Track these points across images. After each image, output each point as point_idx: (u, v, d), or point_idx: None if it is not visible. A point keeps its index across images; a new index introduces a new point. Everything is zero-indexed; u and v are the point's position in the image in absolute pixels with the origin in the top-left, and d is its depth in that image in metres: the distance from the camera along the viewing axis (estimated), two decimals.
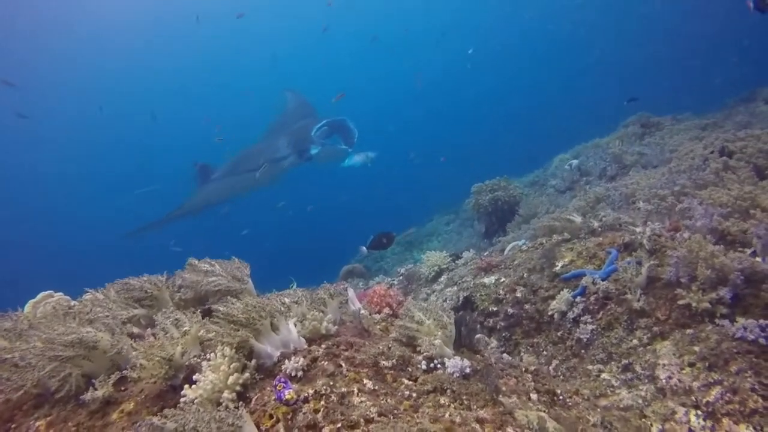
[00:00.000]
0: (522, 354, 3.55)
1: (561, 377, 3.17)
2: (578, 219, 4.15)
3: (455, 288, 4.36)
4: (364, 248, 4.77)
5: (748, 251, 2.96)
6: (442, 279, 4.92)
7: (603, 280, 3.38)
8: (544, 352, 3.45)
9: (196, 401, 1.57)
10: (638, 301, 3.06)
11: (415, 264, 5.85)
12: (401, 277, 5.54)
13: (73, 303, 2.47)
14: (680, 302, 2.88)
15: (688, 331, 2.78)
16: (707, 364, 2.50)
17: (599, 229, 4.10)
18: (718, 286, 2.79)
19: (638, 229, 3.63)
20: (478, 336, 3.63)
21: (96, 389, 1.73)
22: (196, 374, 1.68)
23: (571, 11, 29.40)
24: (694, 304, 2.80)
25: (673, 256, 3.04)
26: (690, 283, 2.92)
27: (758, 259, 2.80)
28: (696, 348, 2.63)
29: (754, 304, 2.66)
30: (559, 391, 2.11)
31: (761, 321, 2.46)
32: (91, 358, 1.83)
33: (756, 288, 2.69)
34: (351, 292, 2.93)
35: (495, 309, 3.88)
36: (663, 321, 2.95)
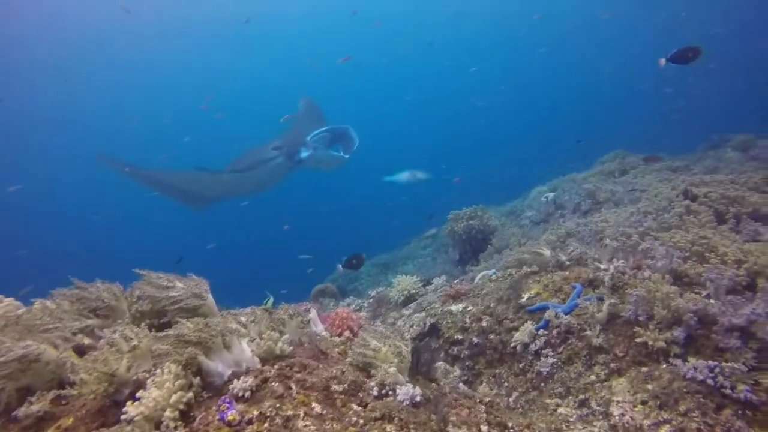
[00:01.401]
0: (483, 384, 3.55)
1: (520, 410, 3.18)
2: (547, 252, 4.22)
3: (423, 314, 4.36)
4: (341, 266, 4.89)
5: (704, 293, 3.06)
6: (411, 304, 4.93)
7: (566, 314, 3.43)
8: (506, 384, 3.46)
9: (136, 419, 1.53)
10: (597, 337, 3.11)
11: (386, 287, 5.85)
12: (371, 300, 5.52)
13: (21, 311, 2.40)
14: (638, 340, 2.94)
15: (644, 369, 2.83)
16: (659, 402, 2.55)
17: (567, 263, 4.18)
18: (673, 325, 2.87)
19: (602, 266, 3.72)
20: (437, 364, 3.63)
21: (32, 404, 1.68)
22: (140, 391, 1.64)
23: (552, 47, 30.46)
24: (650, 343, 2.86)
25: (633, 294, 3.12)
26: (648, 321, 2.99)
27: (711, 301, 2.88)
28: (649, 386, 2.68)
29: (706, 345, 2.73)
30: (510, 424, 2.12)
31: (710, 362, 2.53)
32: (32, 371, 1.77)
33: (707, 329, 2.77)
34: (314, 313, 2.92)
35: (460, 337, 3.89)
36: (620, 358, 3.00)
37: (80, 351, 2.23)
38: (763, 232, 3.71)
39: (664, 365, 2.78)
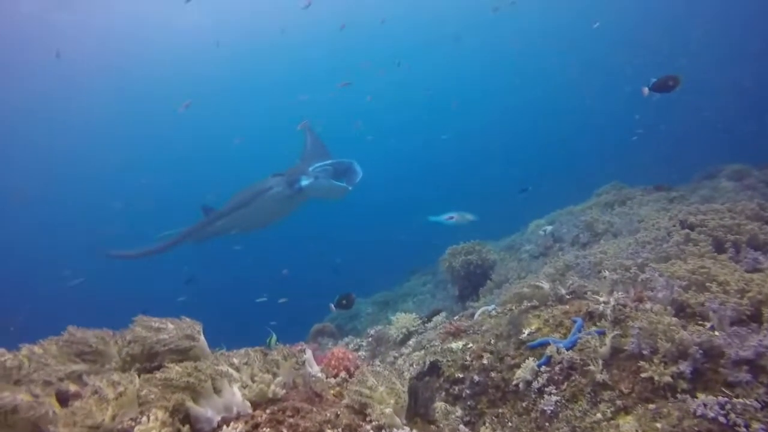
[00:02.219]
0: (486, 424, 3.42)
1: None
2: (546, 286, 4.17)
3: (423, 352, 4.26)
4: (333, 306, 4.84)
5: (707, 325, 2.99)
6: (410, 342, 4.82)
7: (568, 349, 3.35)
8: (509, 424, 3.33)
9: None
10: (601, 373, 3.02)
11: (385, 325, 5.74)
12: (370, 339, 5.40)
13: (5, 358, 2.33)
14: (643, 375, 2.85)
15: (651, 405, 2.73)
16: None
17: (567, 296, 4.12)
18: (678, 359, 2.79)
19: (602, 299, 3.66)
20: (438, 404, 3.51)
21: None
22: None
23: (552, 75, 31.27)
24: (656, 378, 2.78)
25: (635, 327, 3.05)
26: (652, 355, 2.91)
27: (716, 333, 2.82)
28: (658, 425, 2.58)
29: (714, 379, 2.65)
30: None
31: (720, 398, 2.44)
32: (9, 423, 1.70)
33: (715, 363, 2.69)
34: (309, 354, 2.84)
35: (461, 376, 3.77)
36: (626, 394, 2.90)
37: (65, 398, 2.15)
38: (762, 261, 3.68)
39: (672, 401, 2.68)
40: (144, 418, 1.62)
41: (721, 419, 2.35)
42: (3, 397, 1.66)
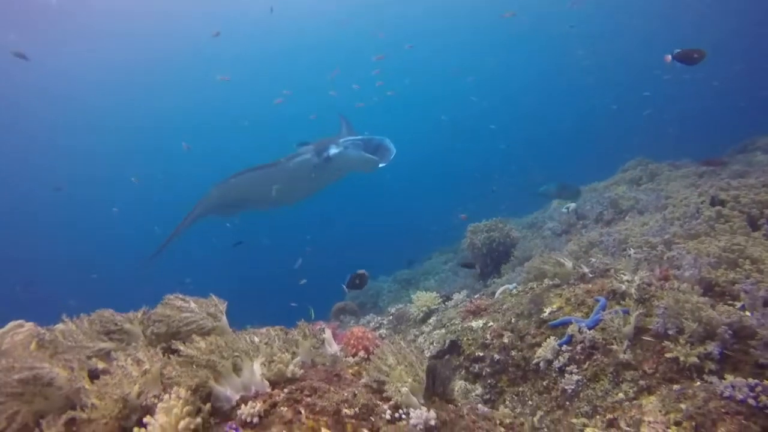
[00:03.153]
0: (506, 402, 3.42)
1: (545, 430, 3.05)
2: (569, 263, 4.09)
3: (443, 330, 4.26)
4: (346, 287, 4.77)
5: (738, 305, 2.89)
6: (431, 320, 4.82)
7: (590, 328, 3.29)
8: (530, 402, 3.33)
9: None
10: (624, 352, 2.97)
11: (406, 304, 5.76)
12: (391, 317, 5.43)
13: (42, 332, 2.42)
14: (668, 355, 2.79)
15: (675, 386, 2.68)
16: (694, 423, 2.38)
17: (590, 275, 4.04)
18: (706, 340, 2.71)
19: (627, 277, 3.57)
20: (458, 383, 3.52)
21: (42, 429, 1.67)
22: (147, 416, 1.62)
23: (580, 59, 30.11)
24: (681, 358, 2.71)
25: (660, 306, 2.98)
26: (678, 335, 2.84)
27: (747, 313, 2.72)
28: (683, 405, 2.52)
29: (744, 361, 2.57)
30: None
31: (750, 380, 2.37)
32: (45, 395, 1.77)
33: (745, 344, 2.60)
34: (328, 333, 2.86)
35: (481, 354, 3.77)
36: (650, 374, 2.85)
37: (94, 375, 2.22)
38: None
39: (698, 383, 2.62)
40: (166, 396, 1.66)
41: (751, 401, 2.28)
42: (41, 368, 1.73)
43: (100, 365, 2.34)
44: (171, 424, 1.57)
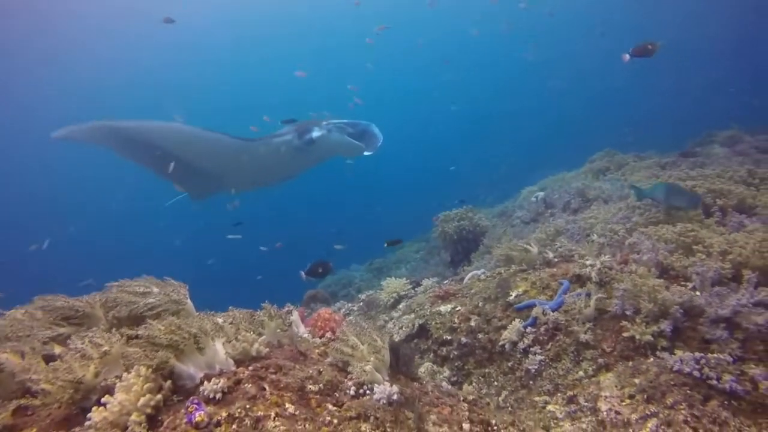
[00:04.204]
0: (473, 384, 3.51)
1: (509, 408, 3.14)
2: (535, 249, 4.20)
3: (412, 315, 4.32)
4: (303, 274, 4.62)
5: (689, 285, 3.03)
6: (400, 306, 4.88)
7: (553, 311, 3.40)
8: (495, 383, 3.42)
9: (99, 424, 1.48)
10: (585, 333, 3.08)
11: (376, 290, 5.80)
12: (361, 304, 5.47)
13: None
14: (625, 334, 2.91)
15: (631, 363, 2.80)
16: (646, 396, 2.51)
17: (554, 260, 4.15)
18: (660, 318, 2.84)
19: (589, 262, 3.69)
20: (425, 365, 3.59)
21: None
22: (106, 396, 1.59)
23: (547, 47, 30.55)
24: (637, 336, 2.84)
25: (619, 288, 3.10)
26: (635, 315, 2.97)
27: (697, 293, 2.86)
28: (637, 380, 2.64)
29: (692, 337, 2.71)
30: (494, 422, 2.08)
31: (696, 354, 2.50)
32: None
33: (694, 321, 2.74)
34: (296, 315, 2.87)
35: (449, 338, 3.84)
36: (608, 353, 2.97)
37: (51, 360, 2.17)
38: (747, 224, 3.70)
39: (652, 359, 2.75)
40: (126, 374, 1.64)
41: (696, 373, 2.41)
42: None
43: (58, 350, 2.28)
44: (131, 401, 1.55)
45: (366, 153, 8.87)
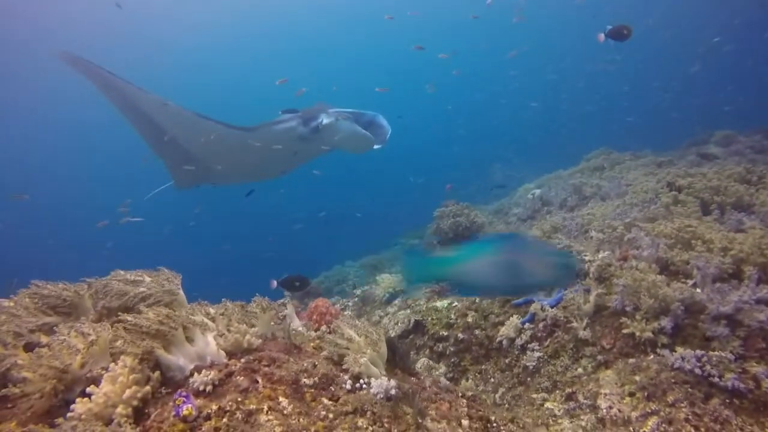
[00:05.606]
0: (470, 380, 3.46)
1: (506, 405, 3.09)
2: None
3: (408, 311, 4.26)
4: (275, 282, 4.39)
5: (690, 282, 3.00)
6: (396, 302, 4.82)
7: (552, 307, 3.36)
8: (492, 380, 3.37)
9: (83, 416, 1.41)
10: (584, 329, 3.04)
11: (372, 286, 5.74)
12: (356, 299, 5.40)
13: None
14: (624, 331, 2.87)
15: (631, 360, 2.76)
16: (646, 393, 2.47)
17: None
18: (660, 315, 2.80)
19: (588, 257, 3.65)
20: (421, 360, 3.53)
21: None
22: (91, 386, 1.52)
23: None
24: (637, 333, 2.79)
25: (619, 284, 3.06)
26: (634, 312, 2.92)
27: (698, 290, 2.82)
28: (637, 378, 2.60)
29: (693, 334, 2.67)
30: (493, 418, 2.02)
31: (698, 351, 2.46)
32: None
33: (695, 318, 2.70)
34: (290, 308, 2.80)
35: (445, 334, 3.79)
36: (608, 350, 2.93)
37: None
38: (746, 222, 3.67)
39: (652, 356, 2.71)
40: (112, 365, 1.57)
41: (697, 371, 2.37)
42: None
43: (44, 339, 2.20)
44: (116, 393, 1.48)
45: (375, 146, 8.06)
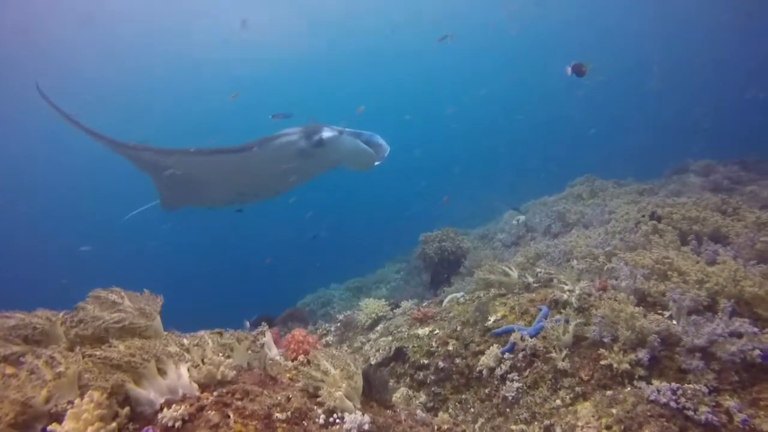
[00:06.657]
0: (449, 410, 3.43)
1: None
2: (514, 273, 4.18)
3: (390, 338, 4.23)
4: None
5: (666, 314, 3.04)
6: (378, 328, 4.79)
7: (532, 337, 3.36)
8: (472, 410, 3.35)
9: None
10: (563, 360, 3.05)
11: (354, 311, 5.71)
12: (339, 324, 5.36)
13: None
14: (602, 362, 2.89)
15: (608, 392, 2.77)
16: (623, 427, 2.47)
17: (534, 284, 4.14)
18: (637, 347, 2.83)
19: (569, 287, 3.69)
20: (400, 390, 3.50)
21: None
22: (53, 424, 1.48)
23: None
24: (615, 365, 2.81)
25: (598, 315, 3.09)
26: (612, 343, 2.95)
27: (674, 322, 2.86)
28: (614, 410, 2.60)
29: (669, 366, 2.69)
30: None
31: (673, 384, 2.48)
32: None
33: (671, 350, 2.73)
34: (268, 336, 2.77)
35: (426, 362, 3.77)
36: (586, 381, 2.94)
37: None
38: (721, 254, 3.75)
39: (629, 388, 2.72)
40: (78, 400, 1.53)
41: (672, 404, 2.39)
42: None
43: (9, 370, 2.14)
44: (79, 431, 1.44)
45: (376, 163, 7.93)
